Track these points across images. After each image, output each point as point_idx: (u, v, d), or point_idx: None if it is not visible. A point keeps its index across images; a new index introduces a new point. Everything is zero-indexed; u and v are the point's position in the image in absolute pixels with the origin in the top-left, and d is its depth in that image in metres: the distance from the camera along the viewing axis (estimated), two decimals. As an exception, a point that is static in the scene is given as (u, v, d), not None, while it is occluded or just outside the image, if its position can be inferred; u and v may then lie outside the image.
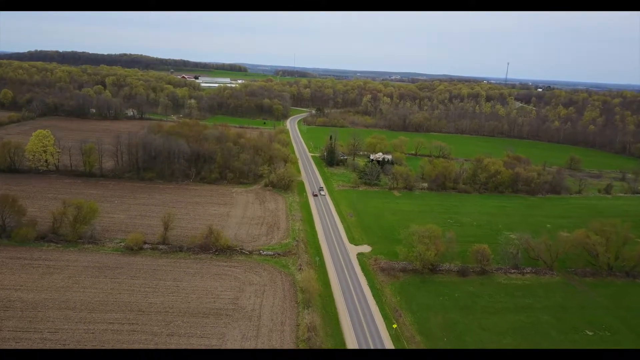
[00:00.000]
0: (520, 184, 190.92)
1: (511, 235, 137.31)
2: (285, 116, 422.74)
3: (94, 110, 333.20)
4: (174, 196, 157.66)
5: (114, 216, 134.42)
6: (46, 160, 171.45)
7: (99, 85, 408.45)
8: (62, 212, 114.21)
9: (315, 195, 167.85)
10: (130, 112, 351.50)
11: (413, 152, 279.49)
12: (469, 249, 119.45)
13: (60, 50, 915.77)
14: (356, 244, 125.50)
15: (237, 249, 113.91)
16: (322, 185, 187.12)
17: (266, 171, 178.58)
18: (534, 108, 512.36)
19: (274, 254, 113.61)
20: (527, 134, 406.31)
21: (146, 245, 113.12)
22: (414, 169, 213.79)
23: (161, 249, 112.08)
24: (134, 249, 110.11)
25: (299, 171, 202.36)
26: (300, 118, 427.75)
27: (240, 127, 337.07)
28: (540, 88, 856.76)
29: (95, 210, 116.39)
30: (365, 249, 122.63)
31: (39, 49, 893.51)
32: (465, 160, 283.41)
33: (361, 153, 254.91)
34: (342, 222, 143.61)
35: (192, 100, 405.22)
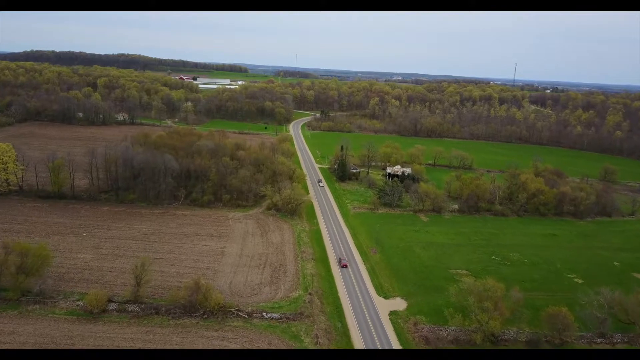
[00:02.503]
0: (566, 206, 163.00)
1: (576, 280, 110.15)
2: (287, 120, 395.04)
3: (81, 115, 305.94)
4: (158, 225, 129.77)
5: (78, 256, 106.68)
6: (6, 180, 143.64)
7: (89, 88, 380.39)
8: (1, 261, 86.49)
9: (345, 266, 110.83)
10: (120, 117, 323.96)
11: (431, 162, 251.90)
12: (532, 303, 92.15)
13: (57, 50, 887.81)
14: (386, 297, 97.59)
15: (232, 310, 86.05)
16: (323, 180, 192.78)
17: (269, 192, 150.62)
18: (551, 111, 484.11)
19: (280, 317, 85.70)
20: (547, 139, 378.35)
21: (112, 305, 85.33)
22: (438, 184, 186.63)
23: (131, 312, 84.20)
24: (94, 312, 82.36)
25: (307, 189, 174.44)
26: (304, 122, 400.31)
27: (240, 133, 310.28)
28: (548, 89, 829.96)
29: (45, 258, 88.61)
30: (399, 304, 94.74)
31: (35, 48, 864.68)
32: (488, 171, 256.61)
33: (374, 164, 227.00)
34: (364, 261, 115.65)
35: (189, 104, 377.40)
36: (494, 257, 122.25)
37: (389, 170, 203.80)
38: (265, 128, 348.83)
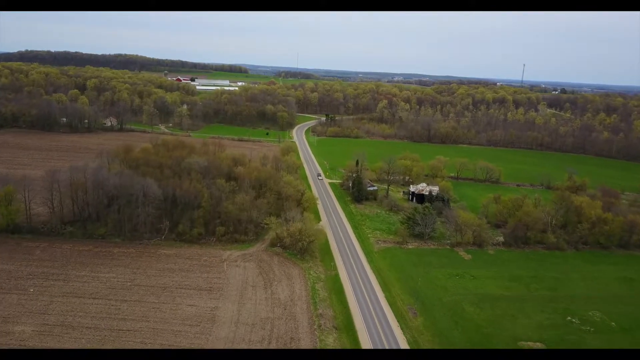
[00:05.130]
0: (635, 237, 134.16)
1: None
2: (290, 124, 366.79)
3: (64, 121, 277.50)
4: (132, 272, 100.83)
5: (13, 329, 77.84)
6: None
7: (75, 90, 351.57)
8: None
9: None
10: (108, 122, 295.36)
11: (453, 174, 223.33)
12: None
13: (53, 50, 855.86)
14: (444, 398, 68.62)
15: None
16: (322, 174, 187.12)
17: (274, 224, 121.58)
18: (571, 115, 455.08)
19: None
20: (571, 146, 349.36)
21: None
22: (467, 202, 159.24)
23: None
24: None
25: (318, 215, 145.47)
26: (308, 127, 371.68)
27: (239, 140, 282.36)
28: (555, 90, 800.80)
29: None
30: (465, 412, 65.75)
31: (31, 49, 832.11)
32: (518, 184, 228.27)
33: (391, 178, 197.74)
34: (402, 328, 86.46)
35: (184, 107, 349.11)
36: (569, 317, 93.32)
37: (412, 188, 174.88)
38: (267, 134, 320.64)
